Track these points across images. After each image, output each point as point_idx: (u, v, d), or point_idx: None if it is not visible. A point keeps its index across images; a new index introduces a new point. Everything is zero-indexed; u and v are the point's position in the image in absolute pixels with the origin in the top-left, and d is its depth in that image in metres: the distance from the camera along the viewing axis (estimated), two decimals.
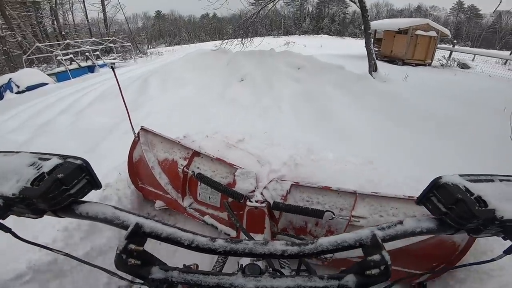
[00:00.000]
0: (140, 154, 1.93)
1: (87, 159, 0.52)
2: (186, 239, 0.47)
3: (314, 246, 0.47)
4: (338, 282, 0.44)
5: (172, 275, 0.46)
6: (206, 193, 1.75)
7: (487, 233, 0.48)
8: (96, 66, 13.95)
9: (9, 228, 0.50)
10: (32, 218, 0.50)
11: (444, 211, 0.48)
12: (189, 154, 1.79)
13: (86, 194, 0.53)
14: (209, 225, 1.71)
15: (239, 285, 0.44)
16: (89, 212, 0.51)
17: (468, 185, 0.48)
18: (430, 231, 0.50)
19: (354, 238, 0.47)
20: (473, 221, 0.45)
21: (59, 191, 0.47)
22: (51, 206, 0.48)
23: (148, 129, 1.91)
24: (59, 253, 0.56)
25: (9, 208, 0.47)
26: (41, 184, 0.46)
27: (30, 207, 0.47)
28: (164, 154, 1.91)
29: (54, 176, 0.47)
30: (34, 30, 21.15)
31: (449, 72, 9.81)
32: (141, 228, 0.48)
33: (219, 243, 0.47)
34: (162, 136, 1.88)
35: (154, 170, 1.85)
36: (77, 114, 5.44)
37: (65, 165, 0.50)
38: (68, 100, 6.95)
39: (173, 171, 1.84)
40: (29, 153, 0.53)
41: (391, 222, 0.51)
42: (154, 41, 61.08)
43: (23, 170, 0.49)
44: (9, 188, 0.46)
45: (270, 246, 0.47)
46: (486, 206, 0.45)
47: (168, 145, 1.91)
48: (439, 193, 0.50)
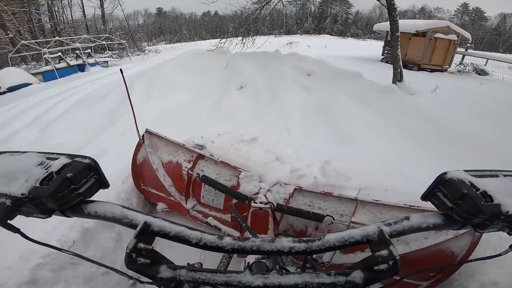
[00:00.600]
0: (144, 156, 1.97)
1: None
2: (194, 237, 0.48)
3: (321, 243, 0.47)
4: (346, 278, 0.44)
5: (180, 273, 0.46)
6: (210, 195, 1.79)
7: (493, 228, 0.48)
8: (87, 65, 13.01)
9: (18, 229, 0.48)
10: (41, 218, 0.50)
11: (450, 206, 0.49)
12: (194, 157, 1.85)
13: (94, 194, 0.53)
14: (212, 226, 1.70)
15: (246, 283, 0.44)
16: (97, 211, 0.51)
17: (473, 180, 0.49)
18: (436, 226, 0.50)
19: (361, 234, 0.47)
20: (479, 216, 0.45)
21: (68, 190, 0.47)
22: (60, 205, 0.48)
23: (153, 132, 1.97)
24: (68, 253, 0.54)
25: (17, 208, 0.47)
26: (51, 183, 0.46)
27: (39, 207, 0.47)
28: (168, 156, 1.96)
29: (63, 176, 0.47)
30: (30, 26, 20.09)
31: (471, 80, 8.86)
32: (149, 227, 0.48)
33: (227, 241, 0.47)
34: (167, 139, 1.94)
35: (158, 172, 1.87)
36: (44, 129, 4.51)
37: (74, 164, 0.50)
38: (44, 105, 6.04)
39: (177, 173, 1.88)
40: (36, 152, 0.53)
41: (398, 217, 0.51)
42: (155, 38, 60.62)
43: (32, 169, 0.49)
44: (18, 188, 0.46)
45: (278, 243, 0.47)
46: (491, 201, 0.46)
47: (173, 148, 1.96)
48: (445, 189, 0.50)
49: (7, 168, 0.50)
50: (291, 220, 1.57)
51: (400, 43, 5.89)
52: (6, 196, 0.46)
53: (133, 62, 15.10)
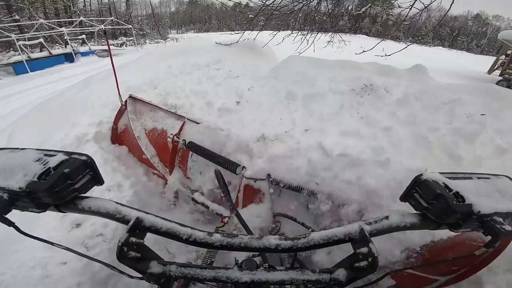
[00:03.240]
0: (126, 123, 1.80)
1: None
2: (184, 233, 0.48)
3: (306, 240, 0.48)
4: (330, 276, 0.47)
5: (170, 269, 0.47)
6: (198, 167, 1.57)
7: (466, 227, 0.50)
8: (77, 54, 10.16)
9: (13, 222, 0.48)
10: (36, 213, 0.50)
11: (426, 206, 0.51)
12: (180, 122, 1.60)
13: (89, 190, 0.53)
14: (199, 203, 1.44)
15: (235, 278, 0.45)
16: (91, 207, 0.52)
17: (447, 182, 0.51)
18: (413, 225, 0.52)
19: (344, 232, 0.49)
20: (452, 215, 0.48)
21: (64, 186, 0.48)
22: (56, 200, 0.48)
23: (137, 97, 1.78)
24: (60, 247, 0.54)
25: (13, 202, 0.48)
26: (48, 178, 0.47)
27: (34, 202, 0.48)
28: (152, 123, 1.76)
29: (60, 171, 0.48)
30: (43, 7, 17.44)
31: None
32: (141, 222, 0.49)
33: (216, 238, 0.48)
34: (152, 104, 1.74)
35: (140, 141, 1.66)
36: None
37: (71, 160, 0.50)
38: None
39: (162, 142, 1.67)
40: (34, 149, 0.54)
41: (378, 217, 0.52)
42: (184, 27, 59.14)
43: (30, 165, 0.49)
44: (16, 182, 0.46)
45: (265, 240, 0.48)
46: (463, 201, 0.48)
47: (158, 114, 1.77)
48: (420, 189, 0.52)
49: (6, 163, 0.51)
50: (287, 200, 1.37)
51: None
52: (3, 190, 0.47)
53: (141, 51, 12.21)
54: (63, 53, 9.81)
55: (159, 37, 20.51)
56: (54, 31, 10.54)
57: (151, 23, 23.01)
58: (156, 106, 1.72)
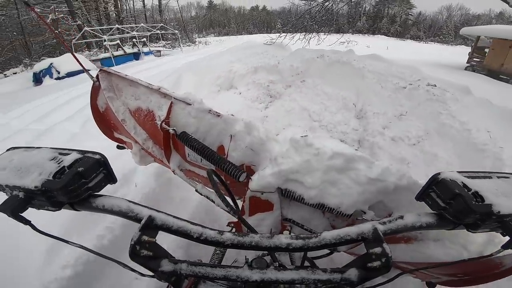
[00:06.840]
0: (105, 102, 1.45)
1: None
2: (196, 232, 0.49)
3: (318, 240, 0.47)
4: (341, 276, 0.46)
5: (180, 267, 0.48)
6: (197, 154, 1.19)
7: (485, 228, 0.49)
8: (141, 54, 13.47)
9: (29, 221, 0.50)
10: (51, 211, 0.52)
11: (443, 206, 0.50)
12: (167, 101, 1.18)
13: (102, 188, 0.55)
14: (203, 196, 1.16)
15: (245, 277, 0.45)
16: (105, 205, 0.53)
17: (465, 181, 0.50)
18: (429, 225, 0.51)
19: (356, 232, 0.48)
20: (471, 215, 0.46)
21: (78, 184, 0.50)
22: (70, 198, 0.50)
23: (109, 70, 1.41)
24: (74, 245, 0.55)
25: (29, 201, 0.49)
26: (63, 177, 0.48)
27: (50, 200, 0.49)
28: (136, 102, 1.40)
29: (74, 170, 0.49)
30: (97, 14, 21.61)
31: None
32: (153, 220, 0.50)
33: (227, 236, 0.48)
34: (129, 79, 1.36)
35: (127, 124, 1.34)
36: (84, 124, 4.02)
37: (85, 159, 0.52)
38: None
39: (152, 124, 1.31)
40: (49, 148, 0.56)
41: (392, 217, 0.52)
42: (204, 31, 62.59)
43: (45, 164, 0.51)
44: (31, 181, 0.48)
45: (276, 239, 0.48)
46: (483, 201, 0.46)
47: (139, 90, 1.39)
48: (438, 189, 0.51)
49: (21, 162, 0.52)
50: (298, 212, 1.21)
51: (474, 48, 4.65)
52: (19, 189, 0.48)
53: (184, 52, 15.33)
54: (132, 52, 13.15)
55: (188, 41, 23.35)
56: (126, 34, 14.02)
57: (181, 28, 25.89)
58: (135, 81, 1.33)
